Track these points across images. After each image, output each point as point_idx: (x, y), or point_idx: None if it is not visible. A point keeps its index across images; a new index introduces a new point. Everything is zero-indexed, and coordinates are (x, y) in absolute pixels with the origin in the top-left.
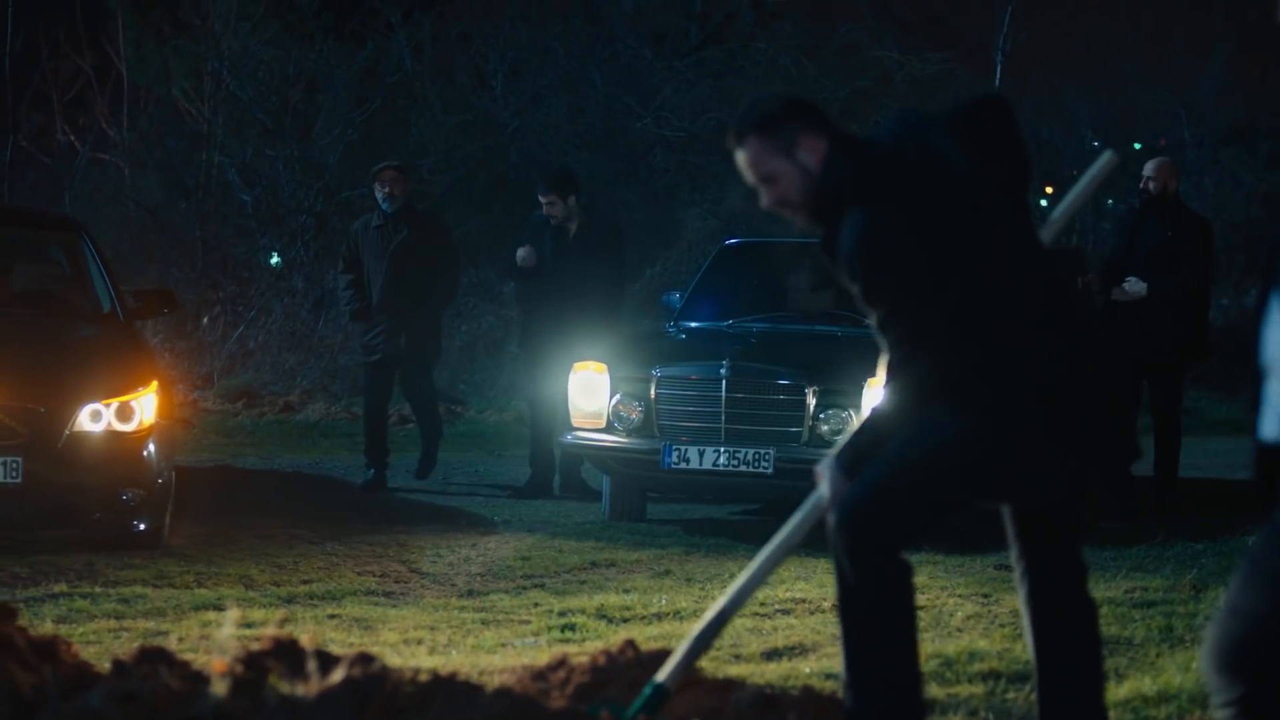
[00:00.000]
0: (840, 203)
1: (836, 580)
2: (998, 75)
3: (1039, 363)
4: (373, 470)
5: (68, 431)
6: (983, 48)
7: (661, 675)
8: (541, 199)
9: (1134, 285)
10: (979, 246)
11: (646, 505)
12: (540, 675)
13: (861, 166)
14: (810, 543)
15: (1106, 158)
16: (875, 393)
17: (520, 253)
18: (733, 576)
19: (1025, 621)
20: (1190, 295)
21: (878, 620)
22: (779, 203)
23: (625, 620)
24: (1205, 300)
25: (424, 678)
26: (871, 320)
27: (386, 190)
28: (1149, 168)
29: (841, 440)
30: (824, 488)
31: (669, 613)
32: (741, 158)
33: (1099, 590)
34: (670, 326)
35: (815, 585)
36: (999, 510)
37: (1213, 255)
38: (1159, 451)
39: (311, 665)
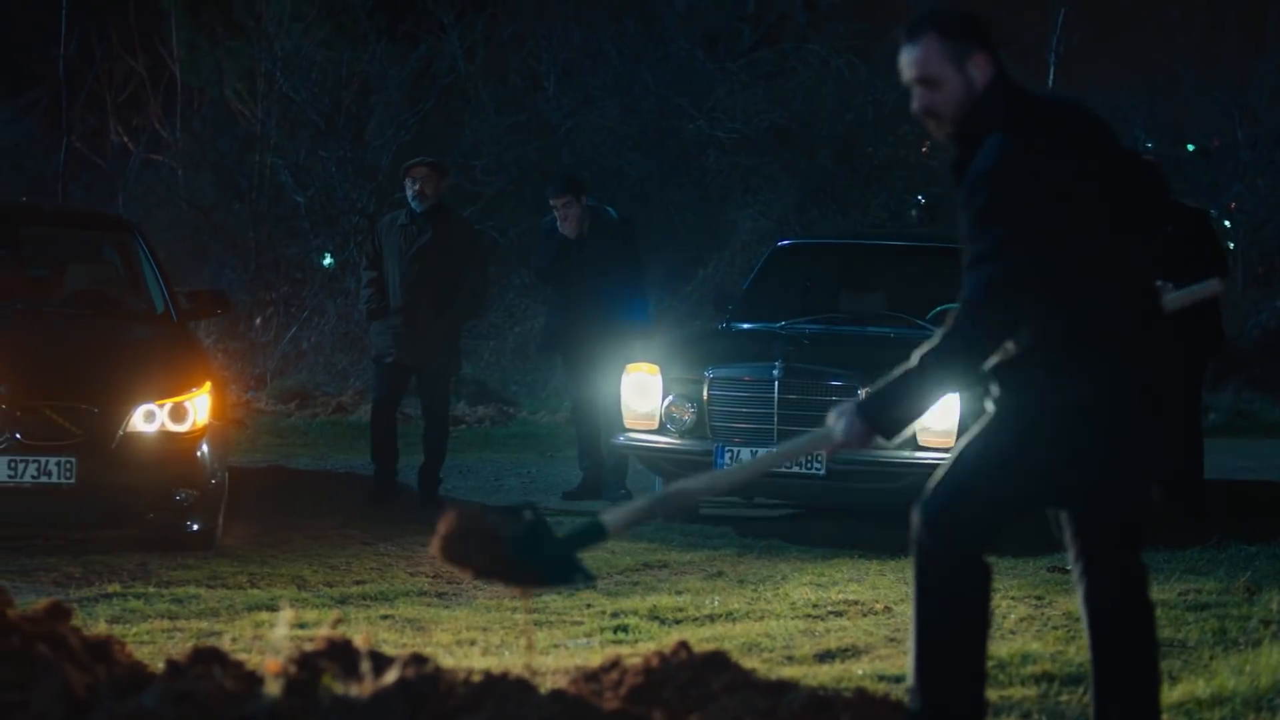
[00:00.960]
0: (989, 127)
1: (916, 579)
2: (1050, 76)
3: (1120, 364)
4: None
5: (121, 432)
6: (1036, 48)
7: (606, 516)
8: (555, 201)
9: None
10: (1095, 230)
11: (699, 506)
12: (593, 676)
13: (1022, 102)
14: (863, 545)
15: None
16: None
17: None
18: (785, 578)
19: (1083, 622)
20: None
21: (955, 621)
22: (928, 110)
23: (678, 621)
24: (1215, 297)
25: (477, 678)
26: (965, 257)
27: (417, 187)
28: None
29: (872, 389)
30: (838, 430)
31: (722, 614)
32: (908, 55)
33: (1152, 592)
34: (722, 327)
35: (868, 587)
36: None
37: (1217, 240)
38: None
39: (365, 666)
